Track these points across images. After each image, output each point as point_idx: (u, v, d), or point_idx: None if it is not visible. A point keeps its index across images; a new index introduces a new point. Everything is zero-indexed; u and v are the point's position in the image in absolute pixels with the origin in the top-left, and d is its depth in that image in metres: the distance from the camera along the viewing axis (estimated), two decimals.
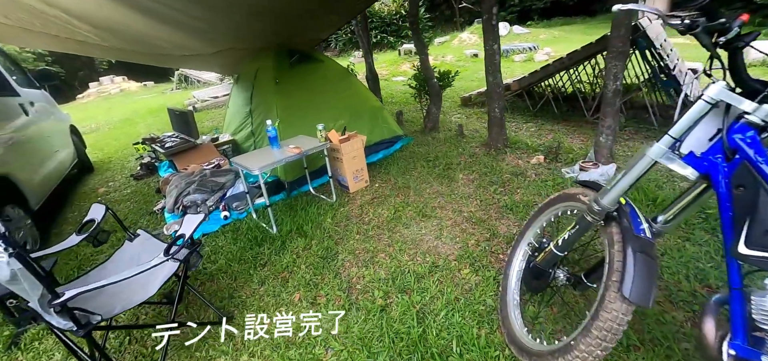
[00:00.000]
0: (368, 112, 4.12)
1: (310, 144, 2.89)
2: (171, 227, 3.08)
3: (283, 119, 3.46)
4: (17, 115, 3.62)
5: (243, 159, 2.71)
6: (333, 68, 4.08)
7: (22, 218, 2.98)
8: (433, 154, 4.00)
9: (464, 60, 12.12)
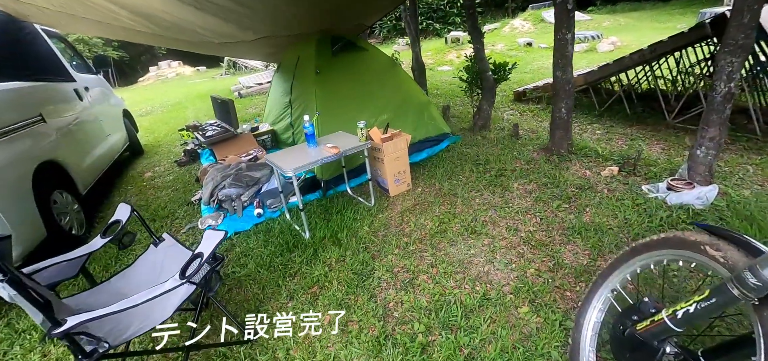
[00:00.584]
0: (414, 107, 3.78)
1: (349, 143, 2.63)
2: (206, 221, 2.99)
3: (322, 113, 3.23)
4: (72, 101, 3.72)
5: (277, 158, 2.50)
6: (378, 58, 3.78)
7: (70, 204, 3.04)
8: (483, 157, 3.59)
9: (516, 49, 11.26)
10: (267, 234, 2.74)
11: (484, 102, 4.08)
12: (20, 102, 2.76)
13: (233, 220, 2.99)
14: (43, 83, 3.28)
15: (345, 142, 2.63)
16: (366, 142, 2.60)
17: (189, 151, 4.78)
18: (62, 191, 2.99)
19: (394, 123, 3.46)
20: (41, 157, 2.79)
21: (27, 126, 2.73)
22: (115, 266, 2.66)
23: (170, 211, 3.40)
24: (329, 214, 2.89)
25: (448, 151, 3.84)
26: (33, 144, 2.74)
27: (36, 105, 2.96)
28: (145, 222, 1.97)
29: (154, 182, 4.29)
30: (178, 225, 3.14)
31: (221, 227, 2.92)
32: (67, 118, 3.47)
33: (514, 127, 4.04)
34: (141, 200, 3.77)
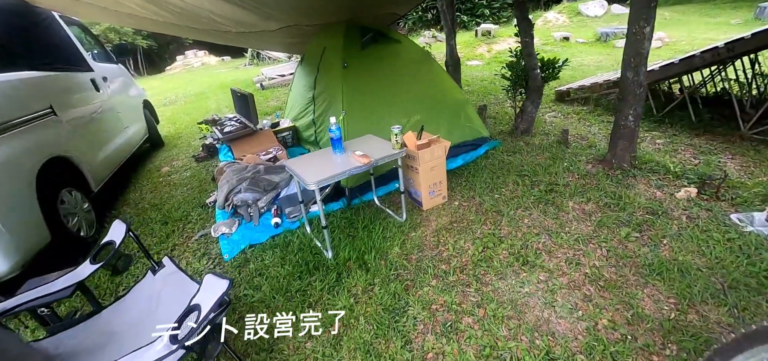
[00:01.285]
0: (450, 106, 3.38)
1: (381, 150, 2.28)
2: (219, 228, 2.72)
3: (349, 112, 2.89)
4: (87, 92, 3.54)
5: (298, 165, 2.18)
6: (412, 51, 3.39)
7: (79, 203, 2.84)
8: (529, 167, 3.16)
9: (552, 44, 10.54)
10: (285, 249, 2.44)
11: (529, 103, 3.63)
12: (25, 94, 2.55)
13: (248, 228, 2.71)
14: (56, 73, 3.09)
15: (376, 149, 2.28)
16: (400, 151, 2.24)
17: (207, 146, 4.57)
18: (72, 190, 2.79)
19: (427, 124, 3.08)
20: (49, 153, 2.58)
21: (33, 120, 2.52)
22: (108, 294, 2.39)
23: (184, 212, 3.17)
24: (354, 228, 2.56)
25: (487, 157, 3.43)
26: (39, 140, 2.53)
27: (45, 97, 2.76)
28: (143, 245, 1.68)
29: (171, 178, 4.09)
30: (191, 230, 2.89)
31: (236, 235, 2.64)
32: (81, 110, 3.28)
33: (563, 132, 3.57)
34: (155, 198, 3.56)
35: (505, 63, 3.78)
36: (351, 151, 2.25)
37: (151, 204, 3.45)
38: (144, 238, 2.87)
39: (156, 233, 2.90)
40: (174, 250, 2.66)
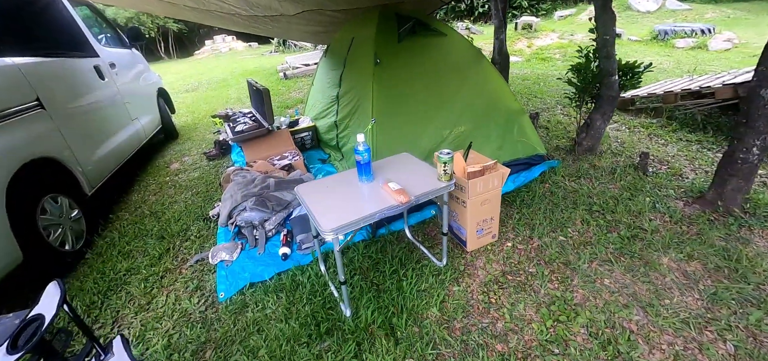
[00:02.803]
0: (501, 116, 2.78)
1: (422, 179, 1.73)
2: (219, 252, 2.27)
3: (380, 120, 2.36)
4: (88, 81, 3.17)
5: (312, 197, 1.65)
6: (459, 47, 2.78)
7: (65, 211, 2.46)
8: (599, 200, 2.52)
9: None
10: (292, 294, 1.95)
11: (598, 116, 2.95)
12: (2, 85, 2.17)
13: (252, 257, 2.24)
14: (48, 60, 2.71)
15: (415, 179, 1.73)
16: (449, 184, 1.68)
17: (220, 142, 4.16)
18: (57, 196, 2.41)
19: (473, 138, 2.50)
20: (28, 155, 2.20)
21: (8, 117, 2.14)
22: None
23: (183, 225, 2.75)
24: (380, 271, 2.04)
25: (544, 182, 2.81)
26: (15, 140, 2.14)
27: (30, 87, 2.38)
28: (83, 323, 1.21)
29: (178, 177, 3.70)
30: (188, 250, 2.46)
31: (236, 265, 2.18)
32: (78, 101, 2.91)
33: (641, 157, 2.88)
34: (156, 204, 3.17)
35: (573, 65, 3.10)
36: (382, 179, 1.71)
37: (152, 210, 3.06)
38: (135, 256, 2.47)
39: (149, 251, 2.49)
40: (165, 277, 2.24)
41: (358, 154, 1.63)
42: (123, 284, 2.22)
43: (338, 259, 1.52)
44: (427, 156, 2.48)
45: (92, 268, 2.38)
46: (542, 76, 6.71)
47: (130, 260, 2.42)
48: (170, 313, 1.96)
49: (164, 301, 2.05)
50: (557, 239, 2.22)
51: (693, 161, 3.06)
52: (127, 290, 2.17)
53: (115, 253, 2.50)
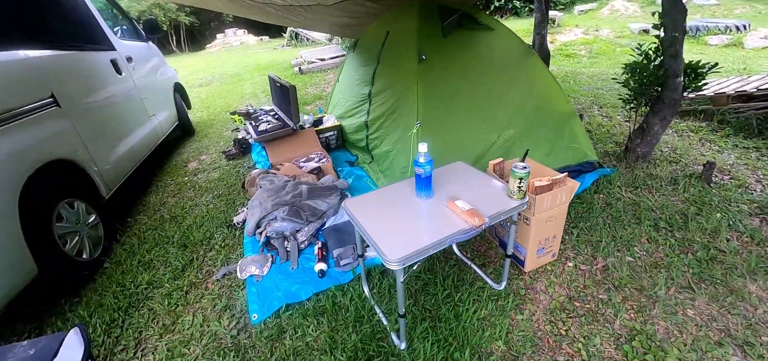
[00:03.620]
0: (552, 119, 2.54)
1: (489, 195, 1.50)
2: (247, 266, 2.07)
3: (425, 123, 2.13)
4: (105, 75, 2.99)
5: (364, 216, 1.42)
6: (508, 42, 2.54)
7: (82, 217, 2.28)
8: (664, 214, 2.27)
9: (629, 38, 9.12)
10: (334, 319, 1.74)
11: (656, 121, 2.68)
12: (12, 81, 1.98)
13: (284, 272, 2.04)
14: (64, 53, 2.53)
15: (479, 194, 1.50)
16: (522, 201, 1.45)
17: (239, 141, 3.97)
18: (73, 201, 2.24)
19: (522, 141, 2.28)
20: (43, 157, 2.02)
21: (20, 116, 1.95)
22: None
23: (207, 233, 2.56)
24: (431, 295, 1.82)
25: (598, 191, 2.56)
26: (30, 140, 1.96)
27: (45, 83, 2.20)
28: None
29: (197, 178, 3.52)
30: (213, 261, 2.27)
31: (268, 280, 1.99)
32: (94, 98, 2.73)
33: (705, 167, 2.61)
34: (175, 207, 2.99)
35: (626, 63, 2.83)
36: (444, 194, 1.49)
37: (171, 214, 2.88)
38: (156, 267, 2.28)
39: (171, 261, 2.30)
40: (190, 292, 2.05)
41: (418, 166, 1.41)
42: (145, 299, 2.04)
43: (400, 292, 1.30)
44: (475, 163, 2.25)
45: (111, 280, 2.20)
46: (571, 73, 6.40)
47: (152, 271, 2.24)
48: (198, 336, 1.77)
49: (191, 321, 1.86)
50: (623, 258, 1.99)
51: (756, 171, 2.78)
52: (150, 306, 1.99)
53: (135, 263, 2.32)
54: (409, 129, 2.21)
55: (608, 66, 6.72)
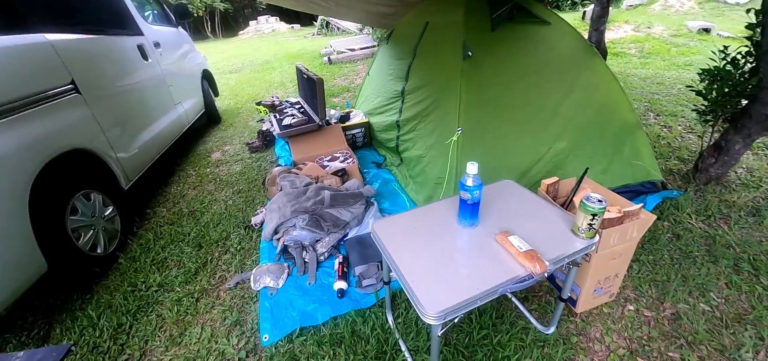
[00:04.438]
0: (613, 130, 2.20)
1: (546, 226, 1.23)
2: (262, 275, 1.91)
3: (467, 129, 1.87)
4: (131, 62, 2.91)
5: (397, 247, 1.18)
6: (567, 39, 2.21)
7: (98, 209, 2.19)
8: (747, 253, 1.90)
9: (685, 36, 8.28)
10: (353, 350, 1.53)
11: (738, 138, 2.27)
12: (31, 67, 1.88)
13: (301, 287, 1.86)
14: (87, 37, 2.44)
15: (534, 224, 1.24)
16: (592, 242, 1.16)
17: (263, 133, 3.84)
18: (90, 192, 2.15)
19: (575, 156, 1.97)
20: (60, 147, 1.92)
21: (38, 102, 1.86)
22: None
23: (223, 232, 2.42)
24: (465, 333, 1.57)
25: (662, 217, 2.20)
26: (46, 129, 1.87)
27: (65, 69, 2.10)
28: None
29: (219, 170, 3.42)
30: (228, 265, 2.13)
31: (282, 295, 1.81)
32: (118, 85, 2.64)
33: None
34: (195, 200, 2.89)
35: (705, 69, 2.42)
36: (493, 225, 1.23)
37: (190, 208, 2.78)
38: (169, 267, 2.17)
39: (184, 262, 2.18)
40: (201, 300, 1.91)
41: (465, 190, 1.16)
42: (154, 303, 1.92)
43: (435, 347, 1.07)
44: (519, 179, 1.97)
45: (124, 278, 2.11)
46: (620, 74, 5.84)
47: (164, 272, 2.13)
48: (205, 354, 1.62)
49: (199, 334, 1.71)
50: (698, 307, 1.65)
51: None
52: (159, 312, 1.86)
53: (149, 260, 2.22)
54: (447, 135, 1.95)
55: (663, 68, 6.09)
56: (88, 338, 1.75)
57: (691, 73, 5.32)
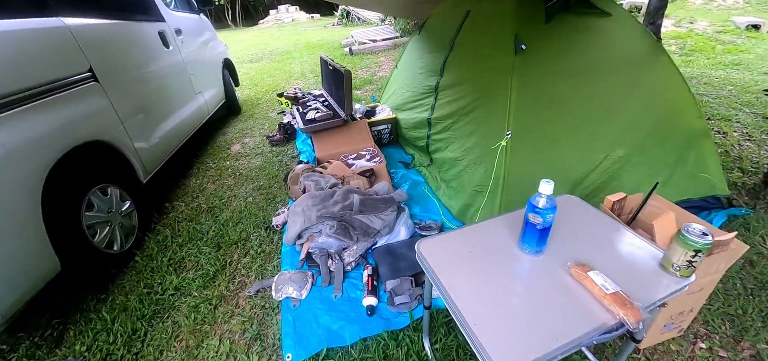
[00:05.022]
0: (678, 138, 1.95)
1: (624, 259, 1.03)
2: (284, 284, 1.77)
3: (517, 133, 1.66)
4: (151, 49, 2.79)
5: (450, 276, 1.00)
6: (630, 33, 1.95)
7: (116, 204, 2.09)
8: None
9: (732, 33, 7.68)
10: None
11: None
12: (47, 53, 1.76)
13: (326, 300, 1.71)
14: (107, 23, 2.33)
15: (608, 254, 1.04)
16: (688, 280, 0.95)
17: (284, 126, 3.70)
18: (107, 187, 2.05)
19: (633, 166, 1.74)
20: (76, 139, 1.82)
21: (54, 91, 1.75)
22: None
23: (243, 232, 2.30)
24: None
25: None
26: (62, 119, 1.76)
27: (83, 56, 1.99)
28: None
29: (238, 163, 3.30)
30: (247, 269, 2.00)
31: (306, 307, 1.67)
32: (138, 74, 2.53)
33: None
34: (214, 195, 2.77)
35: None
36: (566, 254, 1.03)
37: (209, 204, 2.67)
38: (186, 268, 2.06)
39: (202, 264, 2.06)
40: (219, 307, 1.78)
41: (536, 212, 0.96)
42: (171, 308, 1.81)
43: None
44: (572, 190, 1.75)
45: (140, 278, 2.01)
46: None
47: (182, 274, 2.01)
48: None
49: (216, 347, 1.59)
50: None
51: None
52: (175, 318, 1.75)
53: (166, 260, 2.11)
54: (491, 138, 1.74)
55: (708, 66, 5.64)
56: (102, 343, 1.65)
57: (741, 74, 4.91)
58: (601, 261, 1.00)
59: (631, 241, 1.10)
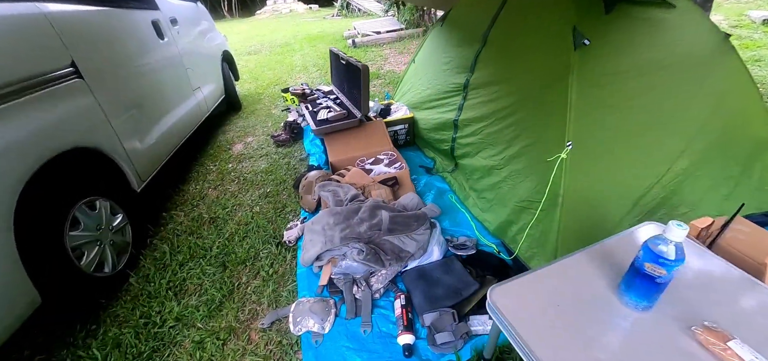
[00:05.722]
0: (743, 147, 1.73)
1: (758, 314, 0.81)
2: (304, 317, 1.53)
3: (577, 142, 1.42)
4: (144, 40, 2.51)
5: (532, 333, 0.79)
6: (696, 28, 1.71)
7: (105, 219, 1.83)
8: None
9: (747, 27, 7.45)
10: None
11: None
12: (17, 44, 1.48)
13: (353, 335, 1.48)
14: (94, 9, 2.04)
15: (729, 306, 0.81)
16: None
17: (289, 124, 3.44)
18: (95, 200, 1.78)
19: (696, 178, 1.52)
20: (57, 146, 1.55)
21: (29, 90, 1.47)
22: None
23: (251, 249, 2.04)
24: None
25: None
26: (40, 123, 1.49)
27: (64, 48, 1.71)
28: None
29: (242, 166, 3.04)
30: (257, 295, 1.75)
31: (330, 344, 1.43)
32: (129, 68, 2.25)
33: None
34: (216, 204, 2.52)
35: None
36: (687, 314, 0.80)
37: (211, 214, 2.41)
38: (189, 293, 1.81)
39: (206, 288, 1.81)
40: (227, 343, 1.54)
41: (660, 263, 0.73)
42: (172, 343, 1.56)
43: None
44: (632, 209, 1.52)
45: (135, 305, 1.75)
46: None
47: (183, 299, 1.77)
48: None
49: None
50: None
51: None
52: (177, 356, 1.50)
53: (165, 283, 1.86)
54: (544, 147, 1.50)
55: None
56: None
57: (760, 70, 4.70)
58: (718, 315, 0.77)
59: (747, 286, 0.87)
